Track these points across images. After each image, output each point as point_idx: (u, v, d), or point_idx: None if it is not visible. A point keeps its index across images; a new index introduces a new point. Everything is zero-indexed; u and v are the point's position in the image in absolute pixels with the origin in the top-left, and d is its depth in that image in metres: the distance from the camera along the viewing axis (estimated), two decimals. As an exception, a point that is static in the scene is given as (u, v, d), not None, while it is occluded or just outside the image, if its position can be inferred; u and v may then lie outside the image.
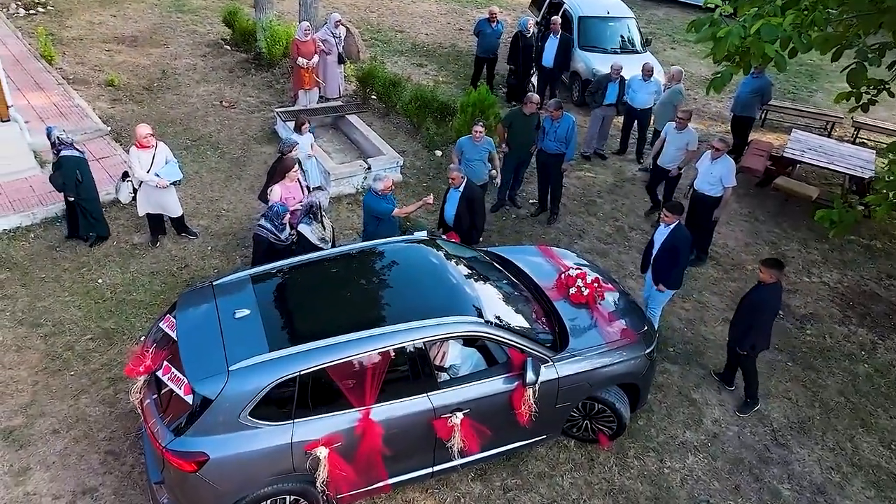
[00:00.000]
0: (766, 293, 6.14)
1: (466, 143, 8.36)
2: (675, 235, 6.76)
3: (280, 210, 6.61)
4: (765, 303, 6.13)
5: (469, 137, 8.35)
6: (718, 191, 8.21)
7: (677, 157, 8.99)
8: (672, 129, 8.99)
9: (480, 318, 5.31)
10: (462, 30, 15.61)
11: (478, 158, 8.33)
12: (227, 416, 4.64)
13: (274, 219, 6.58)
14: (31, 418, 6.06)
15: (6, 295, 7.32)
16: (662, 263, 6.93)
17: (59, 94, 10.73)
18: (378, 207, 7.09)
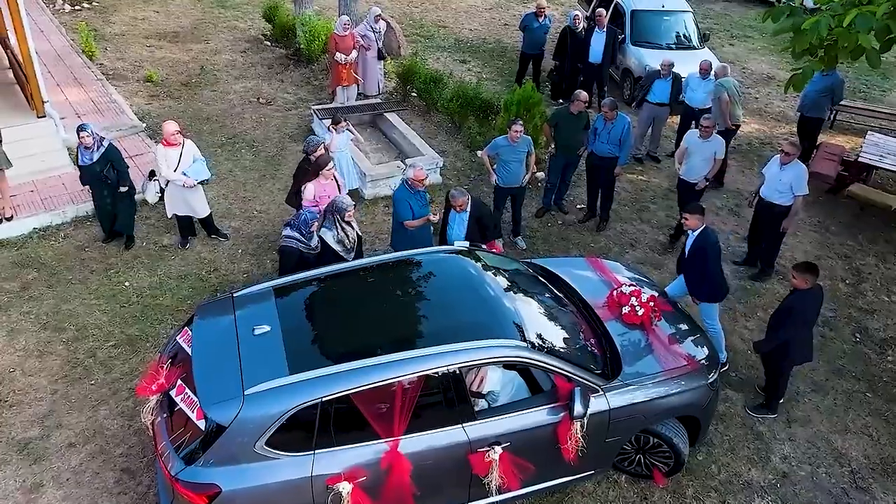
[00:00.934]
0: (801, 299, 5.68)
1: (502, 143, 7.79)
2: (700, 242, 6.20)
3: (308, 217, 6.13)
4: (800, 310, 5.67)
5: (505, 137, 7.78)
6: (788, 199, 7.44)
7: (704, 168, 8.11)
8: (695, 138, 8.09)
9: (523, 342, 4.76)
10: (507, 25, 15.03)
11: (515, 160, 7.76)
12: (241, 444, 4.22)
13: (302, 227, 6.09)
14: (47, 430, 5.79)
15: (32, 297, 7.11)
16: (692, 275, 6.37)
17: (96, 89, 10.61)
18: (397, 207, 6.70)
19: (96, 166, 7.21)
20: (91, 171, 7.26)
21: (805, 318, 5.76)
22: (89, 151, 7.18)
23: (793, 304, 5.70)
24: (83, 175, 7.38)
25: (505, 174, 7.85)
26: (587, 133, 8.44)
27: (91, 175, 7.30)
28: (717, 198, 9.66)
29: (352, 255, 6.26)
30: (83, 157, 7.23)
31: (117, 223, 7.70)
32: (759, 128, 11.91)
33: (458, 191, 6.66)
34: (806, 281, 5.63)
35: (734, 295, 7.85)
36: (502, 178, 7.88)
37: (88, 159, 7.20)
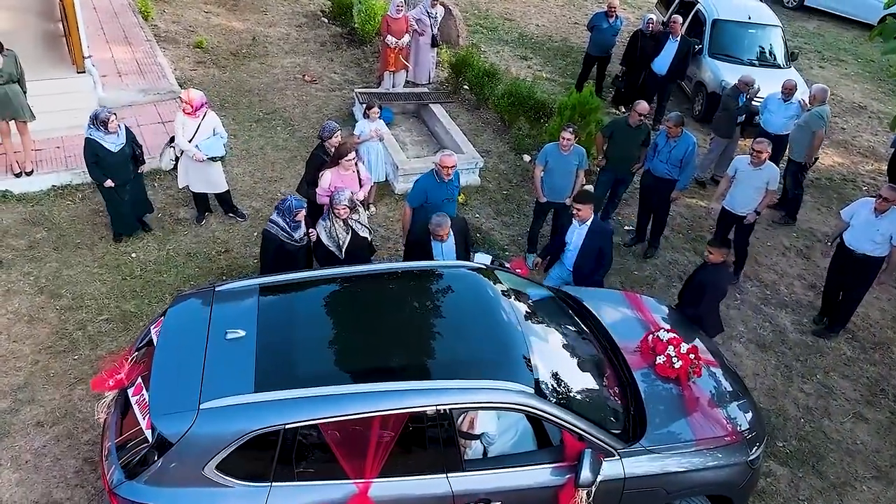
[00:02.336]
0: (717, 274, 5.75)
1: (552, 151, 7.03)
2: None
3: (294, 205, 5.58)
4: (717, 285, 5.75)
5: (556, 144, 7.03)
6: (885, 250, 6.44)
7: (754, 199, 7.13)
8: (745, 165, 7.10)
9: (530, 388, 4.06)
10: (577, 24, 14.15)
11: (564, 170, 7.00)
12: (189, 465, 3.69)
13: (286, 214, 5.56)
14: (18, 404, 5.44)
15: (36, 257, 6.82)
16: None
17: (143, 50, 10.34)
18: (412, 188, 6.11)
19: (126, 148, 6.64)
20: (122, 156, 6.60)
21: (721, 293, 5.87)
22: (116, 135, 6.57)
23: (709, 280, 5.72)
24: (111, 167, 6.59)
25: (550, 186, 7.09)
26: (645, 149, 7.60)
27: (121, 159, 6.61)
28: (786, 235, 8.66)
29: (341, 252, 5.69)
30: (112, 144, 6.53)
31: (139, 206, 7.12)
32: (842, 162, 10.74)
33: (440, 217, 5.59)
34: (722, 255, 5.70)
35: (791, 351, 6.93)
36: (546, 189, 7.14)
37: (119, 143, 6.58)
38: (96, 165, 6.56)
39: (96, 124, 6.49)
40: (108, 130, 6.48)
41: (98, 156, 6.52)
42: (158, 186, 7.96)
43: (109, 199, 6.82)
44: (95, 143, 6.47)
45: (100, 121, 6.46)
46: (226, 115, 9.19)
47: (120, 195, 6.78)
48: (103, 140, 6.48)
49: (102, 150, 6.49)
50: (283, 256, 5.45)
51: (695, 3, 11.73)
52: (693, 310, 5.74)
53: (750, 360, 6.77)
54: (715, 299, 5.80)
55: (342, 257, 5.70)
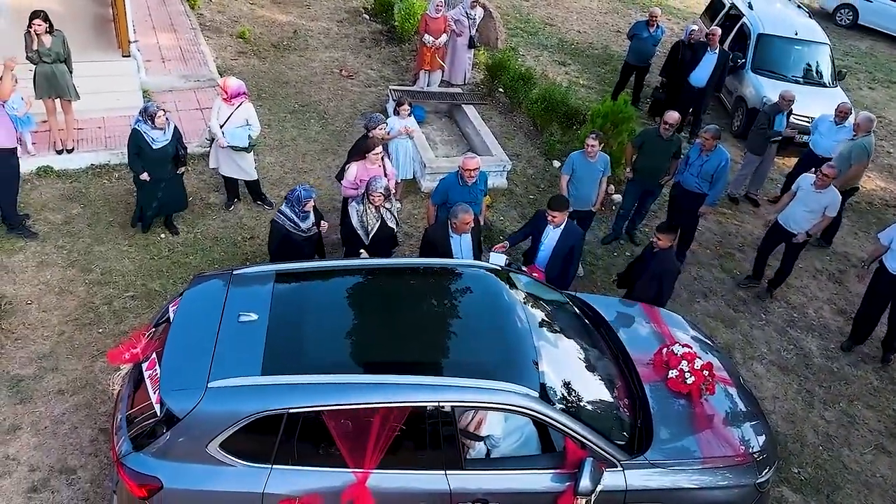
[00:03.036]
0: (668, 259, 5.94)
1: (578, 159, 6.99)
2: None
3: (303, 195, 5.63)
4: (671, 269, 5.98)
5: (581, 153, 6.98)
6: None
7: (809, 220, 6.99)
8: (808, 185, 6.93)
9: (535, 392, 4.04)
10: (619, 32, 14.01)
11: (589, 178, 6.95)
12: (193, 441, 3.77)
13: (295, 204, 5.62)
14: (42, 371, 5.62)
15: (70, 232, 7.04)
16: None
17: (188, 38, 10.59)
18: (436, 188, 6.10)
19: (168, 147, 6.61)
20: (163, 153, 6.58)
21: (678, 273, 6.15)
22: (161, 132, 6.55)
23: (665, 267, 5.88)
24: (149, 162, 6.57)
25: (576, 194, 7.01)
26: (676, 161, 7.48)
27: (162, 157, 6.60)
28: (819, 258, 8.44)
29: (368, 238, 5.76)
30: (155, 140, 6.51)
31: (172, 204, 7.06)
32: (885, 187, 10.42)
33: (464, 208, 5.58)
34: (670, 240, 5.90)
35: (815, 376, 6.76)
36: (573, 199, 7.04)
37: (163, 140, 6.56)
38: (137, 157, 6.56)
39: (144, 117, 6.51)
40: (154, 125, 6.48)
41: (140, 148, 6.52)
42: (192, 171, 8.12)
43: (141, 191, 6.84)
44: (140, 135, 6.50)
45: (148, 114, 6.49)
46: (262, 105, 9.36)
47: (152, 191, 6.75)
48: (148, 134, 6.49)
49: (145, 143, 6.50)
50: (289, 247, 5.52)
51: (740, 15, 11.52)
52: (655, 297, 5.87)
53: (770, 383, 6.62)
54: (674, 281, 6.09)
55: (367, 242, 5.75)
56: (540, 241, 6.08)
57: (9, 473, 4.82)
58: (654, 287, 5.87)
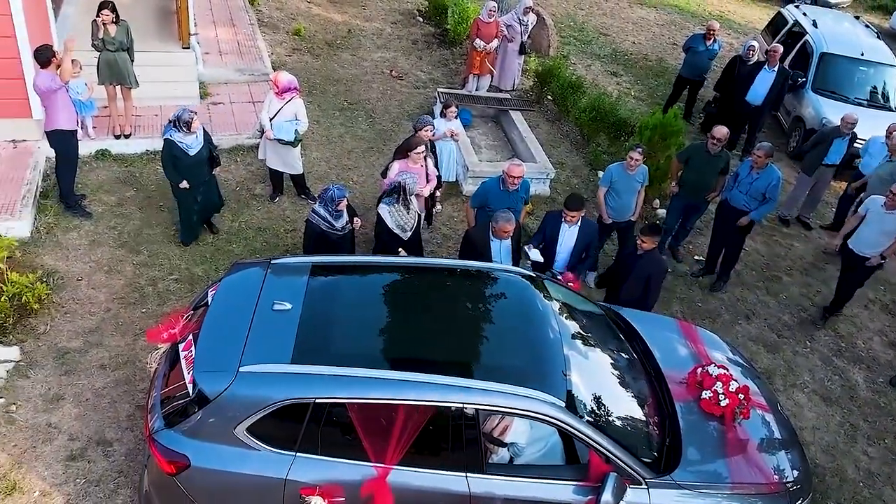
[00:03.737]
0: (654, 262, 5.83)
1: (618, 170, 6.89)
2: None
3: (336, 194, 5.68)
4: (658, 270, 5.87)
5: (620, 164, 6.89)
6: None
7: (880, 243, 6.75)
8: (878, 207, 6.73)
9: (561, 401, 4.00)
10: (676, 45, 13.76)
11: (628, 190, 6.87)
12: (222, 423, 3.87)
13: (328, 203, 5.69)
14: (87, 345, 5.85)
15: (122, 214, 7.31)
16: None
17: (245, 33, 10.88)
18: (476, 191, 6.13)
19: (203, 151, 6.54)
20: (199, 157, 6.51)
21: (664, 274, 6.03)
22: (195, 136, 6.45)
23: (652, 269, 5.80)
24: (187, 169, 6.47)
25: (615, 206, 6.96)
26: (724, 178, 7.31)
27: (199, 162, 6.52)
28: (872, 287, 8.10)
29: (408, 234, 5.81)
30: (190, 146, 6.40)
31: (209, 206, 7.01)
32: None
33: (507, 215, 5.60)
34: (654, 242, 5.76)
35: (860, 410, 6.50)
36: (612, 211, 7.01)
37: (197, 145, 6.46)
38: (173, 167, 6.45)
39: (178, 126, 6.33)
40: (190, 131, 6.34)
41: (176, 157, 6.39)
42: (241, 162, 8.35)
43: (182, 201, 6.71)
44: (174, 144, 6.36)
45: (182, 122, 6.30)
46: (312, 101, 9.55)
47: (193, 197, 6.67)
48: (182, 142, 6.37)
49: (181, 151, 6.38)
50: (325, 246, 5.58)
51: (803, 33, 11.18)
52: (640, 299, 5.82)
53: (811, 413, 6.40)
54: (661, 283, 6.00)
55: (406, 238, 5.81)
56: (557, 243, 6.05)
57: (50, 440, 5.03)
58: (639, 289, 5.80)
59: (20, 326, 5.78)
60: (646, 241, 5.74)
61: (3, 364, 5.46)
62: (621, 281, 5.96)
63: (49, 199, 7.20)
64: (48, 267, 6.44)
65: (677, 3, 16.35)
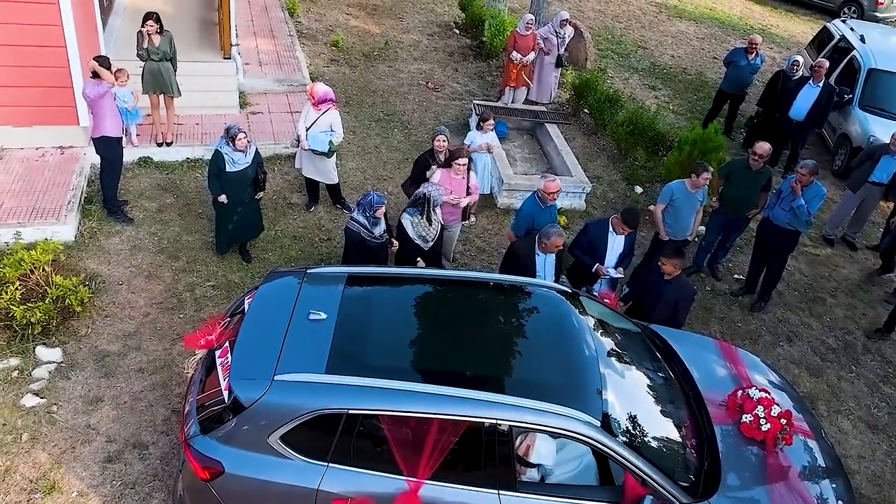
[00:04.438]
0: (681, 287, 5.67)
1: (679, 189, 6.71)
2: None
3: (375, 200, 5.69)
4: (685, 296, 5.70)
5: (682, 182, 6.72)
6: None
7: None
8: None
9: (597, 421, 3.92)
10: (717, 59, 13.58)
11: (689, 209, 6.71)
12: (256, 431, 3.89)
13: (367, 209, 5.70)
14: (127, 349, 5.95)
15: (163, 220, 7.45)
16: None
17: (285, 44, 11.07)
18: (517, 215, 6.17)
19: (248, 170, 6.51)
20: (243, 176, 6.49)
21: (693, 298, 5.88)
22: (242, 154, 6.43)
23: (679, 294, 5.64)
24: (227, 184, 6.45)
25: (673, 224, 6.77)
26: (765, 195, 7.13)
27: (240, 180, 6.48)
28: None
29: (429, 244, 5.82)
30: (235, 162, 6.39)
31: (247, 230, 6.94)
32: None
33: (557, 230, 5.65)
34: (676, 266, 5.57)
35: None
36: (669, 228, 6.83)
37: (243, 162, 6.45)
38: (217, 178, 6.44)
39: (227, 138, 6.38)
40: (235, 147, 6.35)
41: (220, 169, 6.40)
42: (278, 171, 8.46)
43: (219, 214, 6.74)
44: (221, 156, 6.38)
45: (229, 135, 6.35)
46: (349, 111, 9.65)
47: (229, 213, 6.64)
48: (229, 155, 6.37)
49: (224, 164, 6.37)
50: (365, 253, 5.60)
51: (850, 48, 10.91)
52: (670, 323, 5.67)
53: (856, 440, 6.17)
54: (689, 308, 5.89)
55: (426, 248, 5.81)
56: (605, 250, 6.08)
57: (89, 441, 5.12)
58: (667, 314, 5.66)
59: (63, 328, 5.91)
60: (666, 264, 5.56)
61: (47, 365, 5.59)
62: (649, 308, 5.80)
63: (93, 204, 7.39)
64: (90, 271, 6.59)
65: (718, 16, 16.16)
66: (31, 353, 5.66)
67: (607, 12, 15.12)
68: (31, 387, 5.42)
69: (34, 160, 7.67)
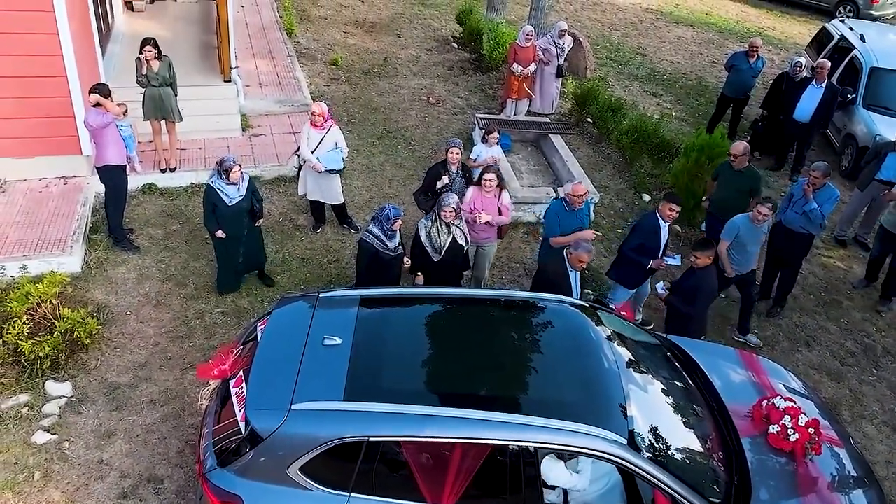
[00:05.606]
0: (706, 277, 5.70)
1: (744, 223, 6.42)
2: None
3: (392, 213, 5.63)
4: (707, 287, 5.73)
5: (747, 216, 6.41)
6: None
7: None
8: None
9: (623, 438, 3.82)
10: (716, 63, 13.57)
11: (755, 241, 6.47)
12: (275, 462, 3.79)
13: (384, 223, 5.63)
14: (137, 380, 5.86)
15: (169, 247, 7.39)
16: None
17: (284, 65, 11.06)
18: (546, 220, 6.25)
19: (244, 202, 6.31)
20: (239, 209, 6.31)
21: (713, 294, 5.89)
22: (236, 187, 6.24)
23: (700, 283, 5.66)
24: (224, 219, 6.28)
25: (740, 259, 6.49)
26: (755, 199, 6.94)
27: (237, 213, 6.31)
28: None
29: (438, 256, 5.75)
30: (229, 196, 6.21)
31: (252, 260, 6.78)
32: None
33: (587, 245, 5.67)
34: (708, 258, 5.64)
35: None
36: (736, 264, 6.53)
37: (237, 195, 6.26)
38: (212, 213, 6.28)
39: (220, 171, 6.19)
40: (229, 180, 6.17)
41: (215, 205, 6.23)
42: (283, 192, 8.40)
43: (219, 251, 6.58)
44: (214, 191, 6.20)
45: (223, 168, 6.15)
46: (351, 130, 9.61)
47: (231, 249, 6.50)
48: (223, 190, 6.20)
49: (219, 199, 6.21)
50: (378, 266, 5.53)
51: (850, 48, 10.87)
52: (686, 309, 5.75)
53: (883, 446, 6.05)
54: (708, 300, 5.86)
55: (436, 259, 5.74)
56: (659, 242, 6.21)
57: (102, 478, 5.02)
58: (688, 300, 5.72)
59: (72, 362, 5.83)
60: (699, 256, 5.66)
61: (57, 400, 5.51)
62: (674, 290, 5.94)
63: (98, 233, 7.32)
64: (98, 301, 6.52)
65: (714, 20, 16.17)
66: (40, 389, 5.57)
67: (604, 21, 15.14)
68: (42, 423, 5.33)
69: (38, 191, 7.63)
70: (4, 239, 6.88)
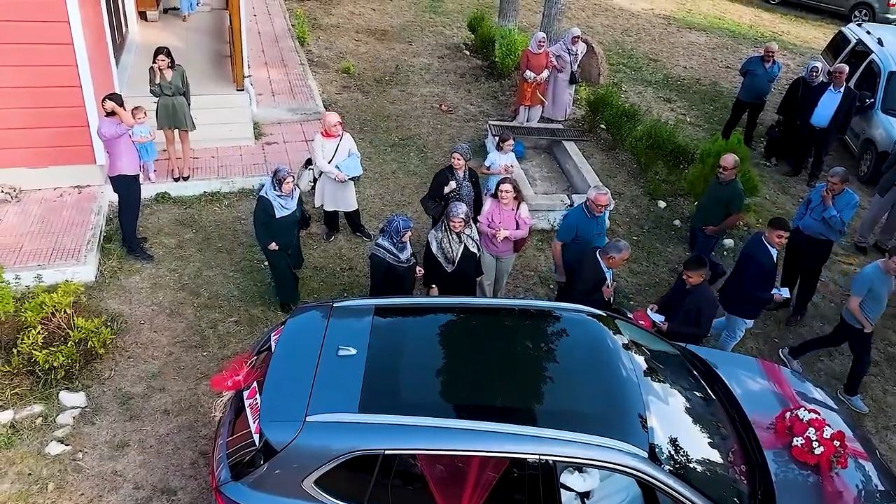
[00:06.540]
0: (703, 294, 5.57)
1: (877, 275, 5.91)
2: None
3: (401, 225, 5.57)
4: (708, 304, 5.59)
5: (877, 267, 5.95)
6: None
7: None
8: None
9: (644, 451, 3.73)
10: (730, 68, 13.46)
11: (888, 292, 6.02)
12: (289, 475, 3.73)
13: (393, 235, 5.57)
14: (151, 390, 5.83)
15: (182, 256, 7.38)
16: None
17: (296, 73, 11.09)
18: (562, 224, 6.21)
19: (297, 212, 6.24)
20: (293, 219, 6.24)
21: (716, 307, 5.77)
22: (288, 198, 6.12)
23: (701, 301, 5.55)
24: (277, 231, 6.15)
25: (874, 309, 5.97)
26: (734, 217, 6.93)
27: (290, 223, 6.25)
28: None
29: (451, 266, 5.70)
30: (282, 208, 6.07)
31: (295, 266, 6.77)
32: None
33: (625, 243, 5.70)
34: (702, 276, 5.52)
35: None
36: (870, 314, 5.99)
37: (291, 206, 6.16)
38: (265, 226, 6.11)
39: (274, 181, 6.04)
40: (282, 192, 6.04)
41: (271, 216, 6.07)
42: (295, 200, 8.38)
43: (275, 263, 6.43)
44: (269, 203, 6.04)
45: (277, 179, 6.00)
46: (364, 138, 9.59)
47: (285, 260, 6.43)
48: (277, 201, 6.06)
49: (274, 210, 6.07)
50: (392, 279, 5.47)
51: (868, 52, 10.73)
52: (692, 331, 5.63)
53: (905, 455, 5.90)
54: (713, 315, 5.74)
55: (450, 270, 5.69)
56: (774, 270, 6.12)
57: (115, 489, 4.98)
58: (689, 322, 5.59)
59: (86, 372, 5.81)
60: (691, 276, 5.51)
61: (71, 411, 5.49)
62: (672, 315, 5.71)
63: (112, 243, 7.33)
64: (112, 311, 6.51)
65: (727, 25, 16.07)
66: (54, 399, 5.56)
67: (616, 27, 15.07)
68: (56, 434, 5.31)
69: (52, 201, 7.66)
70: (19, 248, 6.90)
